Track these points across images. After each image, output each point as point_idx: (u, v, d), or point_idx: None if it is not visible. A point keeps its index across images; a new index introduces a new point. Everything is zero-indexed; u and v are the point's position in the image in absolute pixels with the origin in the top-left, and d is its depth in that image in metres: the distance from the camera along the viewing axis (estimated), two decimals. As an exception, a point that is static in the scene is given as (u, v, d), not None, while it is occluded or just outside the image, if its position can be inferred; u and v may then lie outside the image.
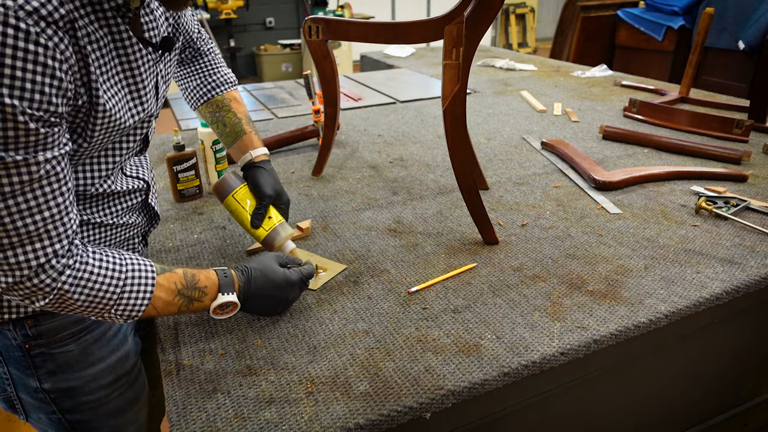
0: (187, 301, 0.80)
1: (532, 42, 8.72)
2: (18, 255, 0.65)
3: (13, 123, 0.59)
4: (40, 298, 0.68)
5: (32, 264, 0.66)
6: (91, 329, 0.88)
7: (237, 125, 1.10)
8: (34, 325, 0.82)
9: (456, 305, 0.96)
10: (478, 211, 1.15)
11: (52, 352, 0.85)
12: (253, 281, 0.86)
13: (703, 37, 2.01)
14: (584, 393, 0.97)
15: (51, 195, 0.66)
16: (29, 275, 0.66)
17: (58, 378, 0.86)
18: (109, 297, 0.73)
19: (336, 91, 1.41)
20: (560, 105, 2.20)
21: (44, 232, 0.66)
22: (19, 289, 0.67)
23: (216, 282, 0.83)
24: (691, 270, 1.05)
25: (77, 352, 0.87)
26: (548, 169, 1.57)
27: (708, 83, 3.58)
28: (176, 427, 0.72)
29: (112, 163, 0.82)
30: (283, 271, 0.88)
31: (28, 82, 0.59)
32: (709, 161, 1.58)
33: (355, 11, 6.78)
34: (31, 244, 0.65)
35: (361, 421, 0.72)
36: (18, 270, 0.65)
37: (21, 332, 0.82)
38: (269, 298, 0.87)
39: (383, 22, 1.22)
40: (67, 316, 0.84)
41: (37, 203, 0.64)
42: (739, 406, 1.29)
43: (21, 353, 0.83)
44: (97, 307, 0.73)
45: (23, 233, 0.64)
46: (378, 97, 2.44)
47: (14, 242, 0.64)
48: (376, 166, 1.62)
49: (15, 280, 0.66)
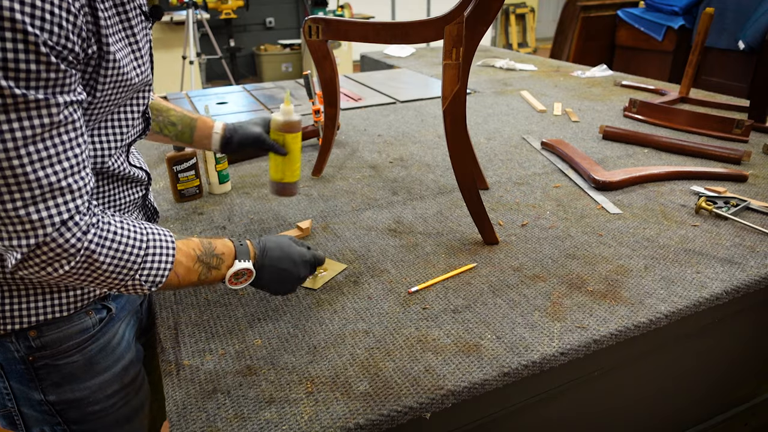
0: (206, 269, 0.80)
1: (532, 42, 8.72)
2: (40, 210, 0.61)
3: (36, 55, 0.57)
4: (66, 263, 0.65)
5: (55, 220, 0.62)
6: (95, 338, 0.86)
7: (185, 117, 1.09)
8: (37, 336, 0.80)
9: (456, 305, 0.96)
10: (478, 211, 1.15)
11: (56, 364, 0.82)
12: (267, 252, 0.86)
13: (703, 37, 2.01)
14: (584, 393, 0.97)
15: (69, 144, 0.63)
16: (52, 234, 0.62)
17: (63, 389, 0.84)
18: (134, 260, 0.71)
19: (336, 91, 1.41)
20: (560, 105, 2.20)
21: (66, 186, 0.63)
22: (42, 252, 0.63)
23: (232, 249, 0.83)
24: (691, 270, 1.05)
25: (82, 363, 0.85)
26: (548, 169, 1.57)
27: (708, 83, 3.58)
28: (176, 427, 0.72)
29: (120, 134, 0.80)
30: (297, 247, 0.89)
31: (48, 12, 0.57)
32: (709, 161, 1.58)
33: (355, 11, 6.78)
34: (52, 198, 0.62)
35: (361, 421, 0.72)
36: (41, 228, 0.62)
37: (24, 344, 0.79)
38: (282, 272, 0.87)
39: (383, 22, 1.22)
40: (71, 326, 0.82)
41: (56, 152, 0.62)
42: (739, 406, 1.29)
43: (24, 366, 0.81)
44: (122, 272, 0.70)
45: (45, 185, 0.61)
46: (378, 97, 2.44)
47: (35, 195, 0.61)
48: (376, 166, 1.62)
49: (38, 240, 0.62)
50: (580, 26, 4.15)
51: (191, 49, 4.76)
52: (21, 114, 0.58)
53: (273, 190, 1.17)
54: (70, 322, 0.82)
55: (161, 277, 0.74)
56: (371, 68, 3.47)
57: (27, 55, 0.57)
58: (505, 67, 2.98)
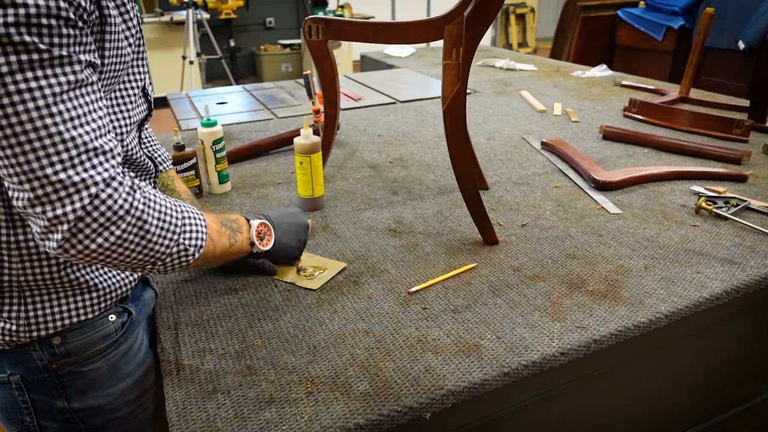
0: (232, 233, 0.83)
1: (532, 42, 8.72)
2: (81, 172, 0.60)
3: (56, 9, 0.57)
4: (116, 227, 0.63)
5: (98, 179, 0.61)
6: (118, 344, 0.85)
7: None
8: (62, 344, 0.79)
9: (456, 305, 0.96)
10: (478, 211, 1.15)
11: (81, 370, 0.82)
12: (269, 215, 0.98)
13: (703, 37, 2.01)
14: (584, 393, 0.97)
15: (94, 106, 0.62)
16: (99, 194, 0.61)
17: (87, 396, 0.83)
18: (176, 224, 0.71)
19: (336, 91, 1.41)
20: (560, 105, 2.20)
21: (99, 146, 0.62)
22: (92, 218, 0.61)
23: (241, 216, 0.90)
24: (691, 270, 1.05)
25: (106, 369, 0.84)
26: (548, 169, 1.57)
27: (708, 83, 3.58)
28: (176, 427, 0.72)
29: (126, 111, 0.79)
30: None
31: None
32: (709, 161, 1.58)
33: (355, 11, 6.78)
34: (90, 158, 0.61)
35: (361, 421, 0.72)
36: (84, 189, 0.60)
37: (48, 351, 0.78)
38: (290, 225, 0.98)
39: (383, 22, 1.22)
40: (95, 331, 0.81)
41: (84, 111, 0.61)
42: (739, 406, 1.29)
43: (48, 374, 0.79)
44: (167, 236, 0.69)
45: (80, 144, 0.60)
46: (378, 97, 2.44)
47: (73, 156, 0.59)
48: (376, 166, 1.62)
49: (84, 203, 0.60)
50: (580, 26, 4.15)
51: (191, 49, 4.76)
52: (47, 71, 0.58)
53: (304, 206, 1.34)
54: (93, 328, 0.81)
55: (202, 241, 0.75)
56: (371, 68, 3.47)
57: (48, 10, 0.56)
58: (505, 67, 2.98)
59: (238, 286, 1.03)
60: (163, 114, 1.82)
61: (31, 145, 0.58)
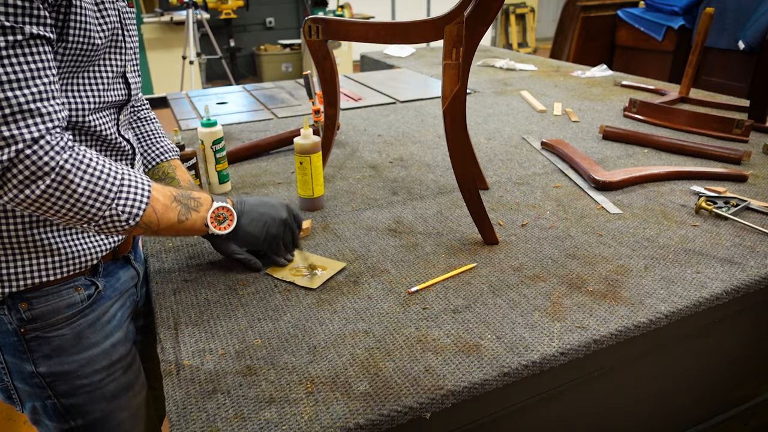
0: (185, 209, 0.83)
1: (532, 42, 8.72)
2: (11, 129, 0.66)
3: None
4: (42, 182, 0.68)
5: (26, 137, 0.67)
6: (84, 314, 0.90)
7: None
8: (28, 309, 0.84)
9: (456, 305, 0.96)
10: (478, 211, 1.15)
11: (46, 336, 0.87)
12: (245, 200, 0.95)
13: (703, 37, 2.01)
14: (584, 393, 0.97)
15: (37, 73, 0.68)
16: (24, 150, 0.67)
17: (53, 362, 0.88)
18: (109, 188, 0.74)
19: (336, 91, 1.41)
20: (560, 105, 2.20)
21: (35, 108, 0.68)
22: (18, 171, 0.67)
23: (209, 196, 0.89)
24: (691, 270, 1.05)
25: (71, 336, 0.88)
26: (548, 169, 1.57)
27: (708, 83, 3.58)
28: (176, 427, 0.72)
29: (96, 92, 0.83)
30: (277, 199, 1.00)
31: None
32: (709, 161, 1.58)
33: (355, 11, 6.78)
34: (23, 119, 0.67)
35: (361, 421, 0.72)
36: (13, 144, 0.66)
37: (16, 316, 0.84)
38: (261, 215, 0.94)
39: (383, 22, 1.22)
40: (60, 300, 0.86)
41: (24, 76, 0.67)
42: (739, 406, 1.29)
43: (17, 338, 0.85)
44: (98, 199, 0.73)
45: (14, 104, 0.66)
46: (378, 97, 2.44)
47: (6, 114, 0.66)
48: (376, 166, 1.62)
49: (11, 156, 0.66)
50: (580, 26, 4.15)
51: (191, 49, 4.76)
52: None
53: (303, 206, 1.34)
54: (59, 297, 0.86)
55: (138, 210, 0.77)
56: (371, 68, 3.47)
57: None
58: (505, 67, 2.98)
59: (238, 286, 1.03)
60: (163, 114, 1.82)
61: None
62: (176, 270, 1.08)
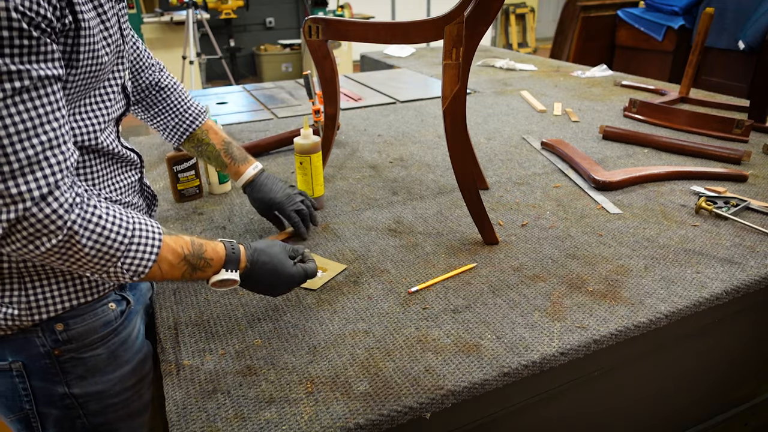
0: (190, 269, 0.80)
1: (532, 42, 8.72)
2: (19, 185, 0.61)
3: (7, 21, 0.57)
4: (47, 240, 0.65)
5: (34, 194, 0.62)
6: (117, 332, 0.88)
7: (218, 158, 1.15)
8: (64, 330, 0.81)
9: (456, 305, 0.96)
10: (478, 211, 1.15)
11: (82, 357, 0.84)
12: (258, 266, 0.86)
13: (703, 37, 2.01)
14: (584, 393, 0.97)
15: (46, 118, 0.64)
16: (32, 209, 0.62)
17: (87, 382, 0.86)
18: (117, 247, 0.70)
19: (336, 91, 1.41)
20: (560, 105, 2.20)
21: (43, 159, 0.63)
22: (23, 228, 0.63)
23: (222, 257, 0.83)
24: (691, 270, 1.05)
25: (106, 356, 0.86)
26: (548, 169, 1.57)
27: (708, 83, 3.58)
28: (176, 427, 0.72)
29: (104, 108, 0.81)
30: (290, 265, 0.89)
31: None
32: (709, 161, 1.58)
33: (355, 11, 6.78)
34: (31, 172, 0.62)
35: (361, 421, 0.72)
36: (21, 202, 0.62)
37: (51, 338, 0.81)
38: (269, 285, 0.89)
39: (383, 22, 1.22)
40: (96, 319, 0.84)
41: (33, 124, 0.62)
42: (739, 406, 1.29)
43: (49, 360, 0.82)
44: (104, 258, 0.70)
45: (22, 158, 0.61)
46: (378, 97, 2.44)
47: (13, 169, 0.61)
48: (376, 166, 1.62)
49: (18, 214, 0.62)
50: (580, 26, 4.15)
51: (191, 49, 4.76)
52: None
53: None
54: (94, 316, 0.84)
55: (144, 268, 0.74)
56: (371, 68, 3.47)
57: None
58: (505, 67, 2.98)
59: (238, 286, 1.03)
60: (163, 114, 1.82)
61: None
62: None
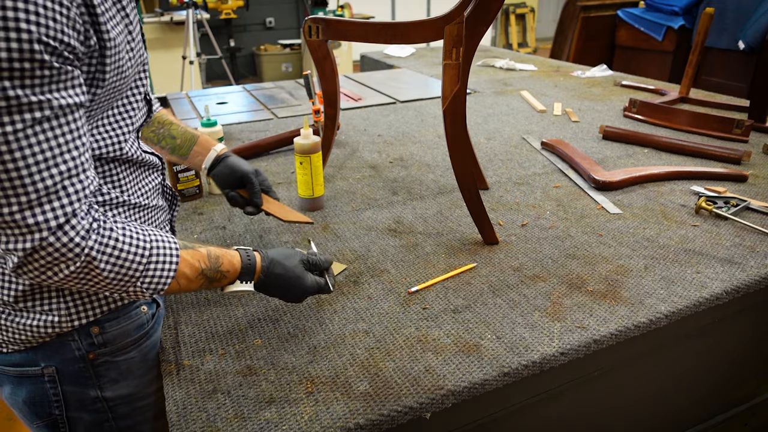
0: (207, 282, 0.80)
1: (532, 42, 8.72)
2: (36, 215, 0.61)
3: (30, 53, 0.57)
4: (65, 266, 0.65)
5: (51, 224, 0.62)
6: (149, 335, 0.88)
7: (186, 132, 1.10)
8: (100, 333, 0.81)
9: (456, 305, 0.96)
10: (478, 211, 1.15)
11: (115, 360, 0.84)
12: (272, 278, 0.85)
13: (703, 37, 2.01)
14: (584, 393, 0.97)
15: (66, 147, 0.63)
16: (48, 238, 0.62)
17: (119, 385, 0.86)
18: (136, 268, 0.70)
19: (336, 91, 1.41)
20: (560, 105, 2.20)
21: (61, 189, 0.63)
22: (40, 256, 0.63)
23: (238, 270, 0.83)
24: (691, 270, 1.05)
25: (138, 359, 0.86)
26: (548, 169, 1.57)
27: (708, 83, 3.58)
28: (176, 427, 0.72)
29: (129, 117, 0.81)
30: (306, 278, 0.88)
31: (41, 7, 0.57)
32: (709, 161, 1.58)
33: (355, 11, 6.78)
34: (48, 202, 0.62)
35: (361, 421, 0.72)
36: (37, 232, 0.62)
37: (86, 341, 0.81)
38: (281, 295, 0.88)
39: (383, 22, 1.22)
40: (130, 322, 0.84)
41: (52, 155, 0.62)
42: (739, 406, 1.29)
43: (83, 364, 0.82)
44: (123, 279, 0.70)
45: (40, 188, 0.61)
46: (378, 97, 2.44)
47: (31, 200, 0.61)
48: (376, 166, 1.62)
49: (34, 244, 0.62)
50: (580, 26, 4.15)
51: (191, 49, 4.76)
52: (15, 117, 0.58)
53: (304, 206, 1.34)
54: (128, 319, 0.84)
55: (162, 285, 0.74)
56: (371, 68, 3.47)
57: (21, 53, 0.56)
58: (505, 67, 2.98)
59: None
60: (163, 114, 1.82)
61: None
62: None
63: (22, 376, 0.81)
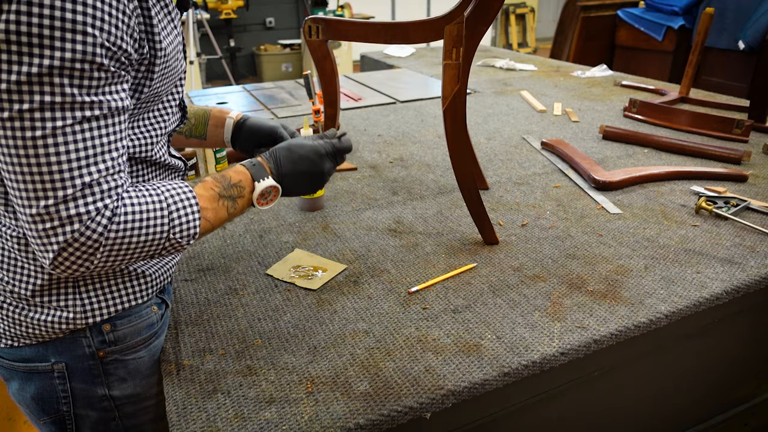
0: (231, 202, 0.80)
1: (532, 42, 8.72)
2: (70, 208, 0.63)
3: (92, 56, 0.60)
4: (101, 247, 0.66)
5: (83, 218, 0.64)
6: (158, 335, 0.88)
7: (198, 110, 1.10)
8: (111, 330, 0.82)
9: (456, 305, 0.96)
10: (478, 211, 1.15)
11: (124, 359, 0.85)
12: (282, 161, 0.86)
13: (703, 37, 2.01)
14: (584, 393, 0.97)
15: (108, 147, 0.66)
16: (80, 229, 0.64)
17: (127, 384, 0.86)
18: (161, 224, 0.71)
19: (336, 91, 1.41)
20: (560, 105, 2.20)
21: (96, 185, 0.65)
22: (75, 249, 0.65)
23: (248, 174, 0.83)
24: (691, 270, 1.05)
25: (147, 359, 0.87)
26: (548, 169, 1.57)
27: (708, 83, 3.58)
28: (176, 427, 0.72)
29: (162, 122, 0.82)
30: (311, 144, 0.88)
31: (106, 14, 0.61)
32: (709, 161, 1.58)
33: (355, 11, 6.77)
34: (83, 197, 0.64)
35: (361, 421, 0.72)
36: (69, 224, 0.64)
37: (98, 338, 0.82)
38: (304, 174, 0.88)
39: (383, 22, 1.22)
40: (140, 321, 0.85)
41: (95, 152, 0.65)
42: (739, 406, 1.29)
43: (93, 361, 0.83)
44: (154, 239, 0.71)
45: (78, 184, 0.64)
46: (378, 97, 2.44)
47: (68, 194, 0.63)
48: (376, 166, 1.62)
49: (66, 237, 0.64)
50: (580, 26, 4.15)
51: (191, 49, 4.76)
52: (66, 113, 0.61)
53: (304, 206, 1.32)
54: (139, 318, 0.85)
55: (194, 229, 0.75)
56: (371, 68, 3.47)
57: (84, 55, 0.60)
58: (505, 67, 2.98)
59: (238, 286, 1.03)
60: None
61: (41, 177, 0.62)
62: (176, 270, 1.08)
63: (31, 371, 0.82)
